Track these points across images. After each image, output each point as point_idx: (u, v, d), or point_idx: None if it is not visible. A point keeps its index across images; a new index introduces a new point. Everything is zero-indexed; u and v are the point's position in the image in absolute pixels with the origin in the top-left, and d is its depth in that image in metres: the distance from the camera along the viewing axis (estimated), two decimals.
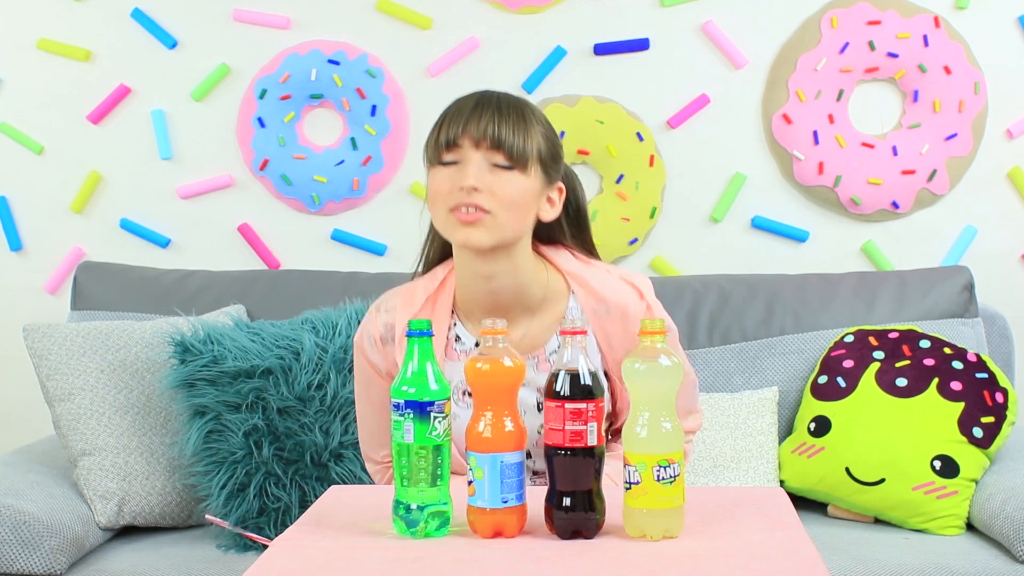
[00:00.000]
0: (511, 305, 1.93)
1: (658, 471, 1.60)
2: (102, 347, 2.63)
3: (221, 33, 3.20)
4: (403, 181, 3.20)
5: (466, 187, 1.83)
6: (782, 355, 2.83)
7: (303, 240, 3.24)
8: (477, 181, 1.83)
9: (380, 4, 3.16)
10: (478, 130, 1.84)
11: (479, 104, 1.87)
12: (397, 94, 3.17)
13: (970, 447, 2.56)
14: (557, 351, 1.87)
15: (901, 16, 3.07)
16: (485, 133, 1.84)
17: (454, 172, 1.86)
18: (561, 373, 1.63)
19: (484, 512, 1.64)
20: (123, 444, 2.57)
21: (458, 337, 1.98)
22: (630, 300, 1.96)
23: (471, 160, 1.85)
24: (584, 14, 3.14)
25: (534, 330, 1.96)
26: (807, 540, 1.62)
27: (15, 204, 3.28)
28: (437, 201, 1.87)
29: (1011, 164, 3.12)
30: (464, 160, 1.85)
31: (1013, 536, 2.34)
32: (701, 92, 3.14)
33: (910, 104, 3.10)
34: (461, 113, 1.87)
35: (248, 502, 2.51)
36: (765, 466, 2.68)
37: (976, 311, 2.89)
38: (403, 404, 1.65)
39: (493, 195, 1.84)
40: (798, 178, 3.12)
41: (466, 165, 1.85)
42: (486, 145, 1.85)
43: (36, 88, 3.25)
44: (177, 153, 3.24)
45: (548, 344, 1.96)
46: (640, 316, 1.94)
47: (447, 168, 1.87)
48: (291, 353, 2.59)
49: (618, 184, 3.13)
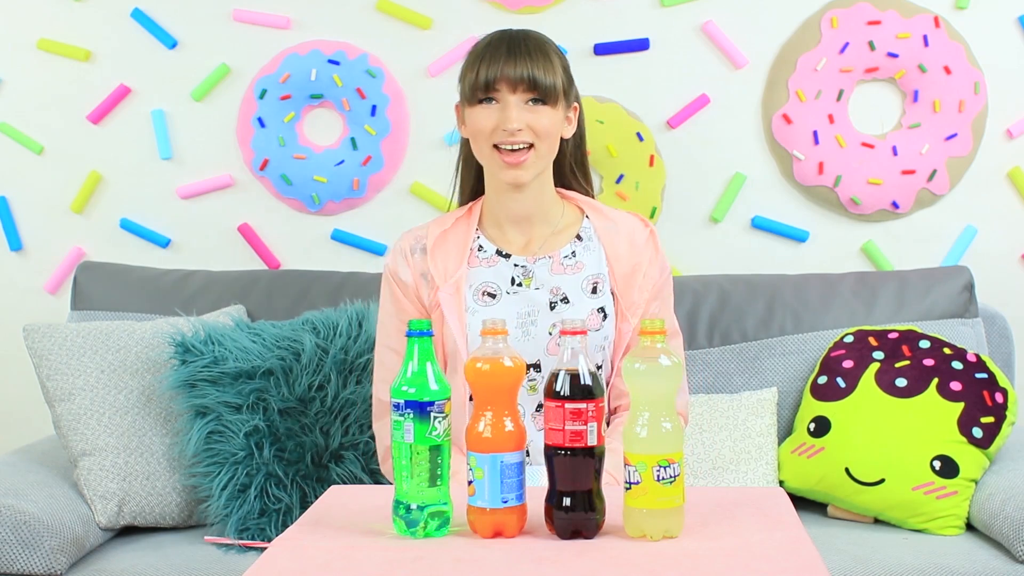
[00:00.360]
0: (535, 216, 2.20)
1: (658, 471, 1.60)
2: (102, 347, 2.63)
3: (221, 33, 3.20)
4: (403, 181, 3.20)
5: (510, 128, 2.09)
6: (782, 355, 2.83)
7: (303, 240, 3.24)
8: (519, 122, 2.09)
9: (380, 4, 3.16)
10: (515, 73, 2.09)
11: (511, 47, 2.11)
12: (397, 94, 3.17)
13: (970, 447, 2.56)
14: (569, 256, 2.19)
15: (901, 16, 3.07)
16: (521, 76, 2.09)
17: (494, 111, 2.11)
18: (561, 373, 1.63)
19: (484, 512, 1.64)
20: (123, 444, 2.57)
21: (481, 247, 2.21)
22: (636, 224, 2.25)
23: (510, 103, 2.10)
24: (584, 14, 3.14)
25: (552, 238, 2.22)
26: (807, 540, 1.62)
27: (15, 204, 3.28)
28: (479, 138, 2.13)
29: (1011, 164, 3.12)
30: (503, 102, 2.11)
31: (1013, 536, 2.34)
32: (701, 92, 3.14)
33: (910, 104, 3.10)
34: (496, 57, 2.10)
35: (249, 503, 2.51)
36: (764, 467, 2.68)
37: (976, 311, 2.89)
38: (403, 404, 1.65)
39: (532, 130, 2.11)
40: (798, 178, 3.13)
41: (506, 108, 2.10)
42: (522, 87, 2.10)
43: (36, 88, 3.25)
44: (177, 153, 3.25)
45: (562, 249, 2.20)
46: (645, 238, 2.22)
47: (485, 107, 2.12)
48: (292, 354, 2.60)
49: (618, 184, 3.13)
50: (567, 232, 2.22)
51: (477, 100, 2.12)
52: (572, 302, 2.16)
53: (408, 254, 2.21)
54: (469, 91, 2.13)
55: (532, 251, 2.20)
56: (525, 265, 2.19)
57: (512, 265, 2.19)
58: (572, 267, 2.19)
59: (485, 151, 2.14)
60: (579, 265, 2.19)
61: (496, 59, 2.10)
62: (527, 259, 2.19)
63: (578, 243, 2.21)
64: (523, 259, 2.19)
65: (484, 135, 2.12)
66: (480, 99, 2.12)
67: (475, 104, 2.13)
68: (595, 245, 2.21)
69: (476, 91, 2.11)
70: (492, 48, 2.12)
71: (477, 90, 2.11)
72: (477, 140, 2.14)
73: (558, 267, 2.19)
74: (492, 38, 2.15)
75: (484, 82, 2.10)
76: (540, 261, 2.19)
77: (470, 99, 2.13)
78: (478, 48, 2.15)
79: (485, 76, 2.10)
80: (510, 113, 2.09)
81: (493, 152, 2.12)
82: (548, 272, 2.18)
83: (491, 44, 2.14)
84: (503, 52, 2.11)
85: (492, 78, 2.10)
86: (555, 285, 2.17)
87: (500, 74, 2.09)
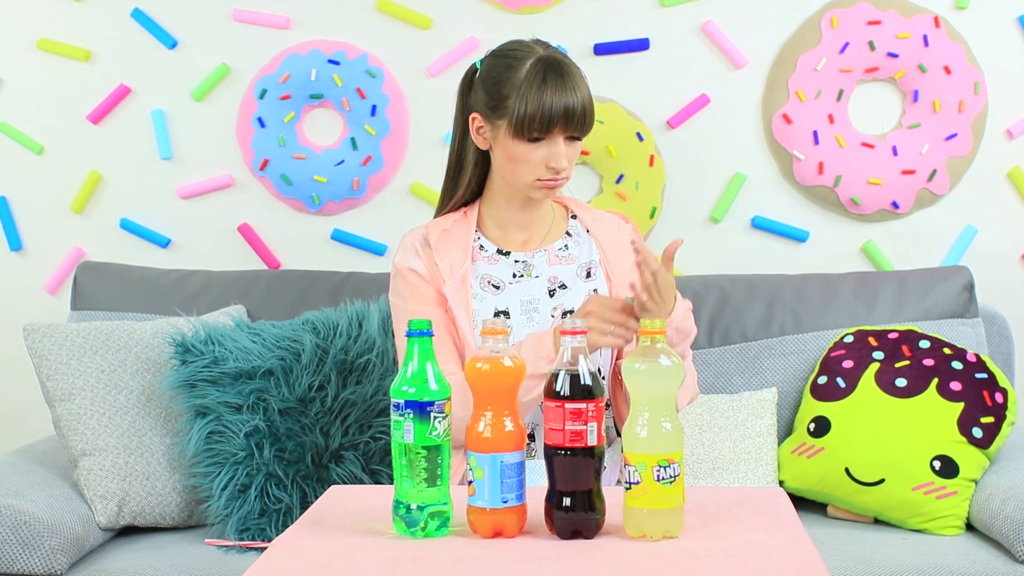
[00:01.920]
0: (536, 219, 2.31)
1: (658, 471, 1.60)
2: (102, 347, 2.63)
3: (221, 33, 3.20)
4: (403, 181, 3.20)
5: (559, 168, 2.18)
6: (782, 356, 2.83)
7: (303, 240, 3.24)
8: (566, 161, 2.19)
9: (380, 4, 3.16)
10: (569, 123, 2.16)
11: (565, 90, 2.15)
12: (397, 94, 3.17)
13: (970, 447, 2.56)
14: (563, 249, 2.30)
15: (901, 16, 3.07)
16: (571, 124, 2.16)
17: (541, 148, 2.17)
18: (561, 373, 1.63)
19: (484, 512, 1.64)
20: (123, 444, 2.57)
21: (482, 247, 2.30)
22: (619, 220, 2.39)
23: (559, 143, 2.17)
24: (584, 14, 3.14)
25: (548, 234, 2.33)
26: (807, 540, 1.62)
27: (15, 204, 3.28)
28: (524, 169, 2.19)
29: (1011, 164, 3.12)
30: (552, 142, 2.17)
31: (1013, 536, 2.34)
32: (701, 92, 3.14)
33: (910, 104, 3.10)
34: (555, 101, 2.14)
35: (249, 503, 2.51)
36: (764, 468, 2.68)
37: (976, 311, 2.89)
38: (403, 404, 1.65)
39: (569, 164, 2.21)
40: (798, 178, 3.13)
41: (556, 146, 2.17)
42: (572, 128, 2.17)
43: (36, 88, 3.25)
44: (177, 153, 3.25)
45: (555, 243, 2.31)
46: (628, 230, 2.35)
47: (533, 143, 2.17)
48: (292, 354, 2.60)
49: (618, 184, 3.13)
50: (557, 228, 2.33)
51: (531, 138, 2.16)
52: (569, 287, 2.27)
53: (418, 248, 2.28)
54: (525, 127, 2.15)
55: (530, 248, 2.31)
56: (525, 260, 2.29)
57: (513, 262, 2.29)
58: (566, 258, 2.30)
59: (526, 181, 2.20)
60: (572, 257, 2.31)
61: (555, 103, 2.14)
62: (526, 254, 2.29)
63: (568, 238, 2.33)
64: (523, 255, 2.29)
65: (530, 168, 2.18)
66: (534, 138, 2.16)
67: (523, 139, 2.16)
68: (584, 239, 2.33)
69: (532, 130, 2.15)
70: (548, 87, 2.14)
71: (533, 130, 2.15)
72: (521, 171, 2.19)
73: (554, 259, 2.30)
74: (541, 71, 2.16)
75: (545, 124, 2.14)
76: (537, 254, 2.30)
77: (520, 133, 2.16)
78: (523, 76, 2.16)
79: (548, 118, 2.14)
80: (560, 152, 2.17)
81: (534, 182, 2.20)
82: (546, 264, 2.29)
83: (545, 80, 2.15)
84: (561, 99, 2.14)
85: (553, 122, 2.14)
86: (552, 274, 2.28)
87: (560, 119, 2.14)
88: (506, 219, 2.29)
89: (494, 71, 2.21)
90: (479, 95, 2.23)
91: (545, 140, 2.17)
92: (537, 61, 2.17)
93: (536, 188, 2.21)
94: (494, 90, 2.20)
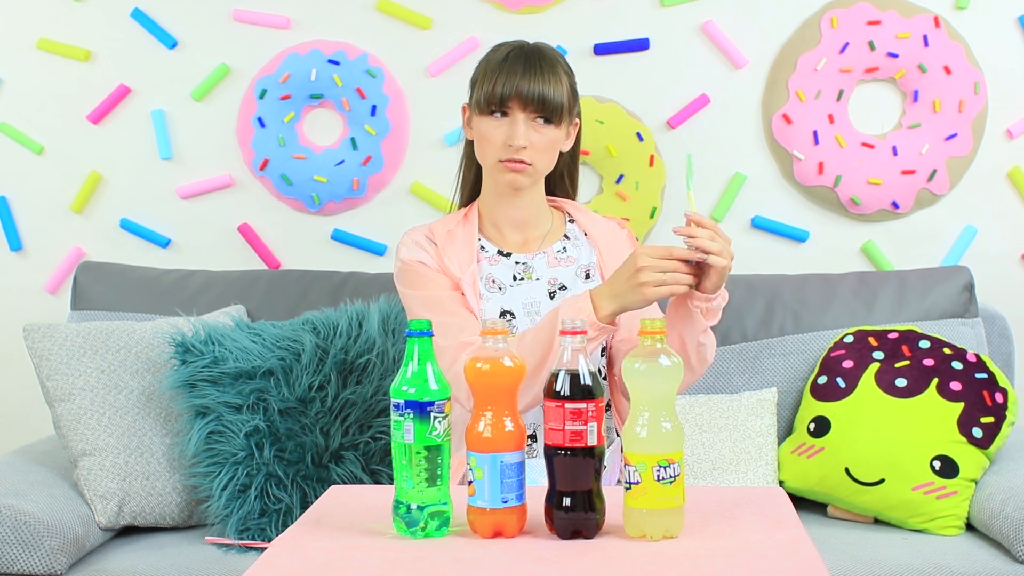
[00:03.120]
0: (530, 219, 2.31)
1: (658, 471, 1.60)
2: (102, 347, 2.63)
3: (221, 33, 3.20)
4: (403, 181, 3.20)
5: (516, 146, 2.19)
6: (782, 355, 2.83)
7: (303, 240, 3.24)
8: (525, 140, 2.19)
9: (380, 4, 3.16)
10: (527, 93, 2.18)
11: (526, 66, 2.19)
12: (397, 94, 3.17)
13: (970, 447, 2.56)
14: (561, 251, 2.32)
15: (901, 16, 3.07)
16: (532, 97, 2.18)
17: (503, 125, 2.20)
18: (561, 373, 1.63)
19: (484, 512, 1.64)
20: (123, 444, 2.57)
21: (483, 247, 2.31)
22: (614, 225, 2.40)
23: (519, 120, 2.19)
24: (584, 14, 3.14)
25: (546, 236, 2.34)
26: (807, 540, 1.62)
27: (15, 204, 3.28)
28: (487, 148, 2.23)
29: (1011, 164, 3.12)
30: (513, 118, 2.20)
31: (1013, 536, 2.34)
32: (701, 92, 3.14)
33: (910, 104, 3.10)
34: (512, 73, 2.19)
35: (249, 503, 2.51)
36: (764, 468, 2.68)
37: (976, 311, 2.89)
38: (403, 404, 1.65)
39: (534, 148, 2.21)
40: (798, 178, 3.13)
41: (515, 124, 2.19)
42: (532, 107, 2.19)
43: (36, 88, 3.25)
44: (177, 153, 3.25)
45: (554, 246, 2.33)
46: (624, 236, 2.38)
47: (495, 119, 2.21)
48: (292, 354, 2.60)
49: (618, 184, 3.13)
50: (555, 232, 2.35)
51: (489, 111, 2.22)
52: (569, 288, 2.28)
53: (424, 243, 2.29)
54: (483, 101, 2.22)
55: (529, 250, 2.32)
56: (526, 262, 2.30)
57: (513, 263, 2.29)
58: (565, 260, 2.31)
59: (491, 160, 2.24)
60: (571, 259, 2.32)
61: (512, 75, 2.19)
62: (526, 256, 2.30)
63: (567, 241, 2.34)
64: (523, 256, 2.30)
65: (493, 146, 2.23)
66: (492, 111, 2.21)
67: (486, 115, 2.22)
68: (582, 241, 2.35)
69: (490, 104, 2.21)
70: (510, 63, 2.21)
71: (491, 103, 2.20)
72: (485, 149, 2.25)
73: (553, 261, 2.31)
74: (510, 51, 2.23)
75: (499, 97, 2.19)
76: (537, 256, 2.31)
77: (482, 109, 2.23)
78: (495, 59, 2.24)
79: (500, 91, 2.19)
80: (518, 131, 2.19)
81: (497, 163, 2.23)
82: (545, 266, 2.30)
83: (508, 58, 2.22)
84: (519, 69, 2.20)
85: (506, 94, 2.19)
86: (552, 276, 2.29)
87: (514, 92, 2.18)
88: (498, 216, 2.31)
89: (480, 64, 2.29)
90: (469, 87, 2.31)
91: (506, 118, 2.20)
92: (513, 48, 2.24)
93: (501, 170, 2.23)
94: (474, 78, 2.28)
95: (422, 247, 2.28)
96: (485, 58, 2.27)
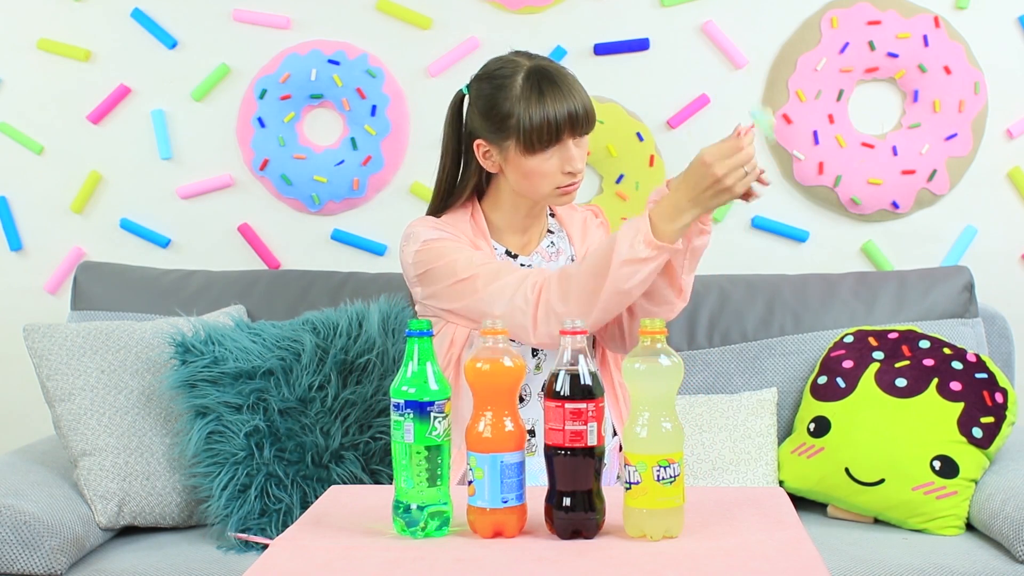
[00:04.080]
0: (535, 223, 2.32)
1: (658, 471, 1.60)
2: (102, 347, 2.63)
3: (221, 33, 3.20)
4: (403, 181, 3.20)
5: (575, 171, 2.18)
6: (782, 356, 2.83)
7: (303, 240, 3.24)
8: (582, 162, 2.20)
9: (380, 4, 3.16)
10: (576, 126, 2.16)
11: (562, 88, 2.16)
12: (397, 94, 3.17)
13: (970, 447, 2.56)
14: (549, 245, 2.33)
15: (901, 16, 3.07)
16: (577, 127, 2.16)
17: (553, 157, 2.17)
18: (561, 373, 1.63)
19: (484, 512, 1.64)
20: (123, 444, 2.57)
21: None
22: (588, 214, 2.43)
23: (570, 147, 2.17)
24: (584, 14, 3.14)
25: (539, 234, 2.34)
26: (807, 540, 1.62)
27: (15, 204, 3.28)
28: (542, 181, 2.19)
29: (1011, 164, 3.12)
30: (564, 147, 2.17)
31: (1013, 536, 2.34)
32: (701, 92, 3.14)
33: (910, 104, 3.10)
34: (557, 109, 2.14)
35: (249, 503, 2.51)
36: (764, 467, 2.68)
37: (976, 311, 2.89)
38: (403, 404, 1.65)
39: (583, 163, 2.22)
40: (798, 178, 3.13)
41: (567, 151, 2.17)
42: (581, 130, 2.18)
43: (36, 88, 3.25)
44: (177, 153, 3.25)
45: (543, 242, 2.34)
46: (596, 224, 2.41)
47: (545, 154, 2.16)
48: (292, 354, 2.60)
49: (618, 184, 3.13)
50: (544, 228, 2.36)
51: (542, 148, 2.15)
52: None
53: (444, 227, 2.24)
54: (536, 141, 2.14)
55: (529, 251, 2.33)
56: (529, 263, 2.31)
57: (519, 264, 2.30)
58: (554, 254, 2.34)
59: (546, 190, 2.20)
60: (559, 251, 2.35)
61: (555, 104, 2.14)
62: (528, 258, 2.32)
63: (552, 235, 2.36)
64: (525, 258, 2.32)
65: (549, 177, 2.18)
66: (546, 147, 2.15)
67: (536, 151, 2.16)
68: (562, 233, 2.38)
69: (546, 142, 2.15)
70: (544, 93, 2.15)
71: (545, 141, 2.14)
72: (540, 182, 2.19)
73: (546, 255, 2.34)
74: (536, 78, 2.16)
75: (554, 132, 2.14)
76: (535, 255, 2.32)
77: (531, 147, 2.15)
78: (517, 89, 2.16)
79: (554, 125, 2.14)
80: (574, 157, 2.17)
81: (554, 191, 2.20)
82: (543, 263, 2.33)
83: (541, 89, 2.15)
84: (558, 96, 2.15)
85: (561, 127, 2.14)
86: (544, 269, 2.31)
87: (566, 122, 2.14)
88: (513, 224, 2.30)
89: (486, 93, 2.20)
90: (477, 121, 2.22)
91: (556, 147, 2.16)
92: (528, 74, 2.17)
93: (557, 196, 2.21)
94: (492, 113, 2.18)
95: (442, 229, 2.24)
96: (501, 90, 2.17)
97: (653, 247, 2.00)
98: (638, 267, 2.00)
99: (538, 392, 2.24)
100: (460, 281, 2.16)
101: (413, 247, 2.23)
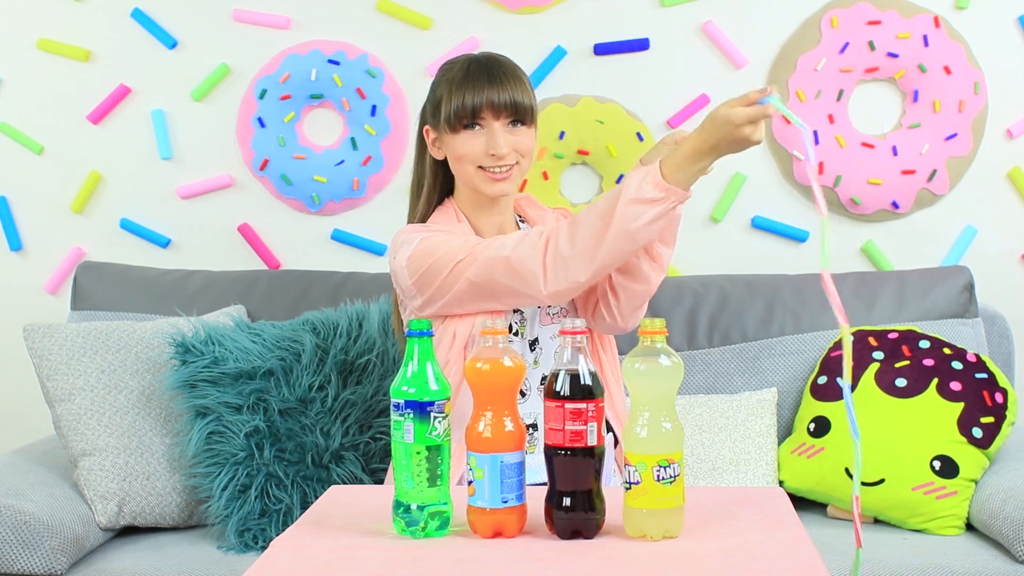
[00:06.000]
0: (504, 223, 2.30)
1: (658, 471, 1.60)
2: (102, 347, 2.64)
3: (221, 33, 3.20)
4: (403, 181, 3.20)
5: (499, 153, 2.18)
6: (782, 356, 2.83)
7: (303, 240, 3.24)
8: (506, 146, 2.19)
9: (380, 4, 3.16)
10: (498, 101, 2.18)
11: (491, 74, 2.20)
12: (397, 94, 3.17)
13: (970, 447, 2.56)
14: None
15: (901, 16, 3.07)
16: (505, 103, 2.18)
17: (479, 136, 2.19)
18: (561, 373, 1.63)
19: (484, 512, 1.64)
20: (123, 444, 2.57)
21: None
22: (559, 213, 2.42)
23: (495, 128, 2.19)
24: (584, 14, 3.14)
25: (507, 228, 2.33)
26: (807, 540, 1.62)
27: (15, 204, 3.28)
28: (465, 161, 2.21)
29: (1011, 164, 3.12)
30: (488, 128, 2.19)
31: (1013, 536, 2.34)
32: (701, 92, 3.14)
33: (910, 104, 3.10)
34: (479, 84, 2.18)
35: (249, 503, 2.51)
36: (764, 467, 2.68)
37: (976, 311, 2.89)
38: (403, 404, 1.65)
39: (516, 150, 2.21)
40: (798, 178, 3.13)
41: (493, 134, 2.19)
42: (505, 113, 2.19)
43: (36, 88, 3.25)
44: (177, 153, 3.25)
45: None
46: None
47: (470, 132, 2.19)
48: (292, 354, 2.60)
49: (618, 184, 3.12)
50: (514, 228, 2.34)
51: (462, 126, 2.20)
52: None
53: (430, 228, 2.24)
54: (453, 118, 2.20)
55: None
56: None
57: None
58: None
59: (470, 171, 2.22)
60: None
61: (479, 86, 2.18)
62: None
63: None
64: None
65: (471, 159, 2.21)
66: (465, 125, 2.20)
67: (459, 131, 2.20)
68: None
69: (462, 118, 2.19)
70: (472, 75, 2.20)
71: (463, 117, 2.19)
72: (463, 163, 2.22)
73: None
74: (467, 65, 2.22)
75: (471, 109, 2.18)
76: None
77: (453, 126, 2.20)
78: (453, 76, 2.22)
79: (472, 103, 2.18)
80: (497, 139, 2.19)
81: (479, 171, 2.21)
82: None
83: (469, 71, 2.21)
84: (484, 79, 2.19)
85: (478, 105, 2.18)
86: None
87: (485, 101, 2.18)
88: (481, 224, 2.29)
89: (432, 83, 2.28)
90: (426, 109, 2.29)
91: (481, 128, 2.19)
92: (466, 61, 2.23)
93: (484, 180, 2.21)
94: (432, 97, 2.26)
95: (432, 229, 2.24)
96: (442, 78, 2.24)
97: (661, 188, 1.98)
98: (645, 207, 1.98)
99: (537, 387, 2.24)
100: (461, 261, 2.14)
101: (405, 252, 2.19)
